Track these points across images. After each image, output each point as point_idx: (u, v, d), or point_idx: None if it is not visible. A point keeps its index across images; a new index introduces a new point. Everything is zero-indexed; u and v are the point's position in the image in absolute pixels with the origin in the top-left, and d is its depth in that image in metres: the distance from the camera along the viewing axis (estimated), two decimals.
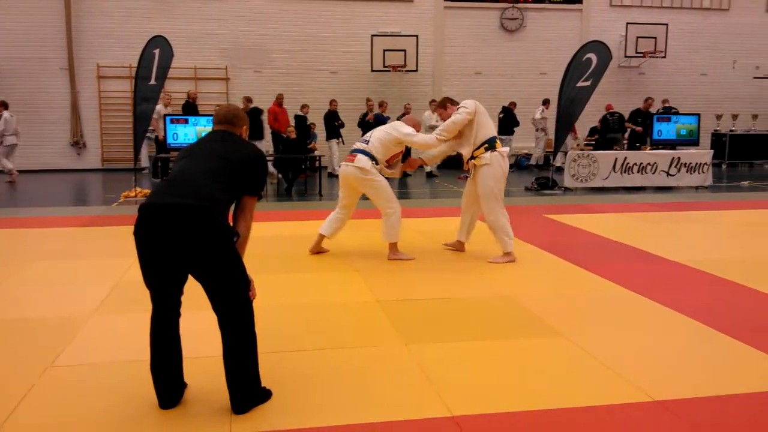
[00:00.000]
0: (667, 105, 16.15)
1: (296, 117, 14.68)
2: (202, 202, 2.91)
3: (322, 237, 6.48)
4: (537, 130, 16.42)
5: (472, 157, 6.21)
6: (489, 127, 6.22)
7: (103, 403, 3.18)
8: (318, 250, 6.51)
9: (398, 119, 7.06)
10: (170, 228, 2.88)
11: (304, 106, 14.89)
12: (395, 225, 6.21)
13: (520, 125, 16.10)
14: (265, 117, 14.62)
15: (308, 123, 14.85)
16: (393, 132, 6.17)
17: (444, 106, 6.43)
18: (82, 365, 3.69)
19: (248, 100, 14.34)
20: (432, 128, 14.93)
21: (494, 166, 6.13)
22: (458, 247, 6.74)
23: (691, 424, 2.98)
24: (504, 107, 16.14)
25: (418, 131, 6.34)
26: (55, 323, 4.38)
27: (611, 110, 15.47)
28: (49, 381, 3.45)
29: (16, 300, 5.01)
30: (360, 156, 6.05)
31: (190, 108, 13.98)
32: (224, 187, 3.05)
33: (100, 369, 3.63)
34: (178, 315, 3.18)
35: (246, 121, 3.42)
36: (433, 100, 15.28)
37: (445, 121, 6.29)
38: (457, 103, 6.36)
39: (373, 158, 6.08)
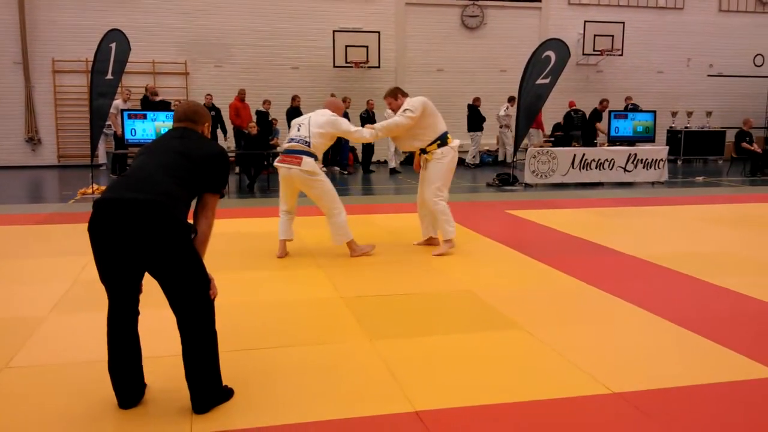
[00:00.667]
0: (631, 102, 16.37)
1: (258, 113, 14.58)
2: (157, 197, 2.86)
3: (285, 242, 6.40)
4: (501, 127, 16.56)
5: (424, 151, 6.34)
6: (440, 125, 6.33)
7: (60, 404, 3.12)
8: (285, 253, 6.45)
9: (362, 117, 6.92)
10: (125, 223, 2.82)
11: (265, 102, 14.79)
12: (344, 224, 6.14)
13: (465, 123, 16.16)
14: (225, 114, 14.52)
15: (270, 119, 14.76)
16: (330, 128, 6.03)
17: (395, 96, 6.41)
18: (39, 366, 3.61)
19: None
20: None
21: (444, 160, 6.32)
22: (431, 242, 6.76)
23: (648, 415, 3.05)
24: (469, 105, 16.24)
25: (340, 114, 6.23)
26: (10, 323, 4.28)
27: (574, 107, 15.70)
28: (5, 382, 3.37)
29: None
30: (306, 158, 5.87)
31: (149, 103, 13.75)
32: (182, 183, 3.00)
33: (57, 369, 3.56)
34: (137, 313, 3.13)
35: (208, 118, 3.37)
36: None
37: (394, 110, 6.38)
38: (407, 95, 6.42)
39: (315, 158, 5.97)
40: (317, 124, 5.99)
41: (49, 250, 6.58)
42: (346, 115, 6.85)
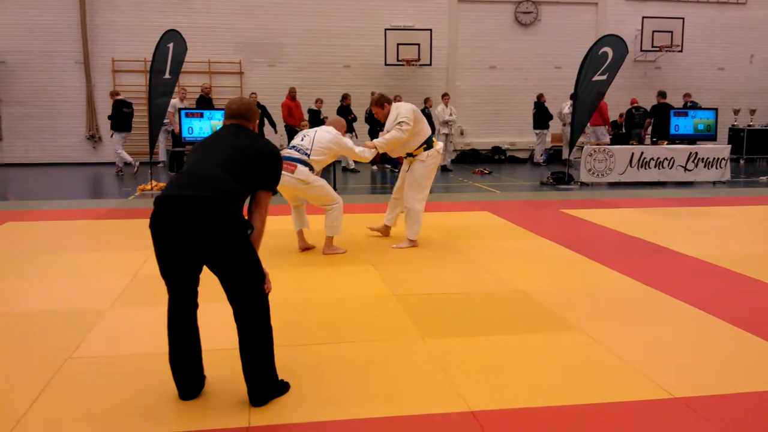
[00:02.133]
0: (690, 100, 15.90)
1: (310, 111, 14.69)
2: (217, 194, 2.92)
3: (301, 233, 6.46)
4: (564, 125, 16.28)
5: (410, 155, 6.54)
6: (426, 129, 6.54)
7: (121, 395, 3.20)
8: (306, 246, 6.47)
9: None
10: (186, 220, 2.89)
11: (317, 101, 14.89)
12: (338, 218, 6.25)
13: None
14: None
15: (322, 117, 14.85)
16: (333, 146, 6.13)
17: (382, 105, 6.51)
18: (101, 357, 3.71)
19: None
20: (445, 123, 14.94)
21: (428, 161, 6.52)
22: (386, 231, 7.01)
23: (710, 422, 2.95)
24: (535, 102, 16.08)
25: (343, 132, 6.36)
26: (73, 315, 4.41)
27: (636, 104, 15.37)
28: (69, 372, 3.47)
29: (34, 292, 5.04)
30: (300, 167, 5.92)
31: (205, 102, 14.00)
32: (239, 180, 3.05)
33: (118, 360, 3.65)
34: (196, 306, 3.20)
35: (257, 115, 3.44)
36: (446, 94, 15.21)
37: (381, 119, 6.58)
38: (391, 101, 6.55)
39: (311, 168, 6.02)
40: (322, 141, 6.07)
41: (110, 244, 6.76)
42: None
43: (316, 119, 14.61)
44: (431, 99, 15.41)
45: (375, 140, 6.50)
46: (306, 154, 5.97)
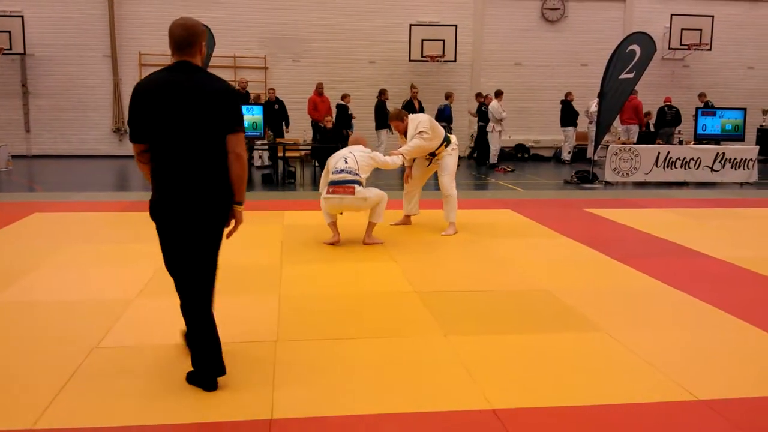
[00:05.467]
0: (705, 100, 15.65)
1: (338, 106, 14.70)
2: (202, 192, 3.12)
3: (335, 224, 6.65)
4: (590, 123, 16.13)
5: (433, 155, 7.19)
6: (441, 133, 7.16)
7: (146, 385, 3.24)
8: (339, 239, 6.58)
9: (440, 109, 7.36)
10: (184, 215, 3.14)
11: (345, 96, 14.88)
12: (383, 208, 6.63)
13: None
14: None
15: (349, 112, 14.83)
16: (371, 161, 6.62)
17: (401, 119, 7.11)
18: (127, 347, 3.76)
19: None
20: (500, 121, 14.82)
21: (454, 154, 7.28)
22: (407, 221, 7.59)
23: (734, 424, 2.92)
24: (562, 100, 15.97)
25: (365, 145, 6.85)
26: (100, 305, 4.47)
27: (669, 103, 15.18)
28: (95, 361, 3.52)
29: (61, 282, 5.12)
30: (357, 188, 6.36)
31: (240, 97, 14.02)
32: (216, 150, 3.12)
33: (144, 351, 3.70)
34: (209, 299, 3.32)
35: (204, 35, 3.26)
36: (500, 92, 15.07)
37: (401, 132, 7.16)
38: (408, 115, 7.16)
39: (362, 185, 6.48)
40: (364, 159, 6.55)
41: (135, 236, 6.83)
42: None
43: (344, 114, 14.61)
44: (454, 95, 15.36)
45: (400, 149, 6.95)
46: (357, 174, 6.43)
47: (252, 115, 11.29)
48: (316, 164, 12.84)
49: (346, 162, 6.50)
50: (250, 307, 4.50)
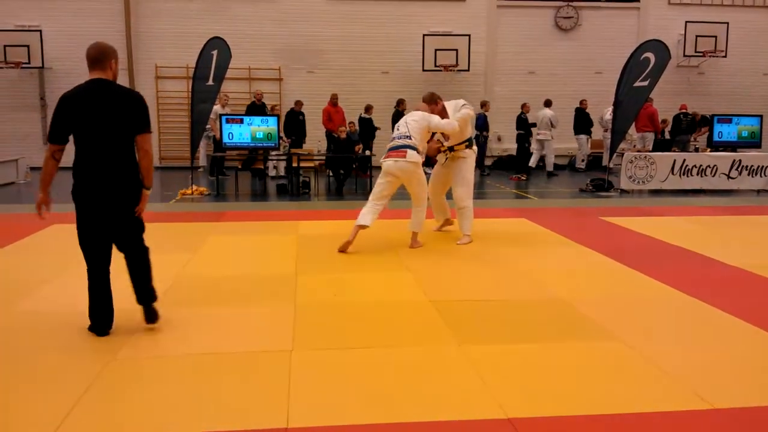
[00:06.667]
0: (684, 110, 15.42)
1: (361, 119, 14.75)
2: (124, 180, 3.97)
3: (360, 228, 6.60)
4: (605, 131, 16.08)
5: (451, 149, 7.04)
6: (472, 129, 7.19)
7: (161, 395, 3.27)
8: (348, 244, 6.55)
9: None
10: (102, 196, 3.96)
11: (369, 108, 14.93)
12: (423, 217, 6.81)
13: (559, 125, 15.74)
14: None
15: (374, 125, 14.85)
16: (424, 122, 6.67)
17: (435, 101, 7.01)
18: (144, 358, 3.80)
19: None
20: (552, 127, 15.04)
21: (470, 160, 7.12)
22: (447, 224, 7.63)
23: None
24: (576, 107, 15.96)
25: (432, 112, 6.88)
26: (116, 316, 4.50)
27: (685, 110, 15.10)
28: (112, 372, 3.56)
29: (78, 293, 5.15)
30: (409, 151, 6.52)
31: (257, 108, 14.16)
32: (127, 146, 3.96)
33: (160, 361, 3.73)
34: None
35: (114, 54, 4.10)
36: (549, 101, 15.20)
37: (435, 113, 6.90)
38: (440, 97, 7.14)
39: (417, 151, 6.60)
40: (415, 120, 6.68)
41: (152, 247, 6.86)
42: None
43: (369, 127, 14.65)
44: (489, 103, 15.77)
45: (452, 118, 6.88)
46: (409, 137, 6.56)
47: (267, 126, 11.36)
48: (330, 174, 12.89)
49: (399, 129, 6.74)
50: (265, 316, 4.52)
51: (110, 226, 4.07)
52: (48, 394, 3.29)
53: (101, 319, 4.12)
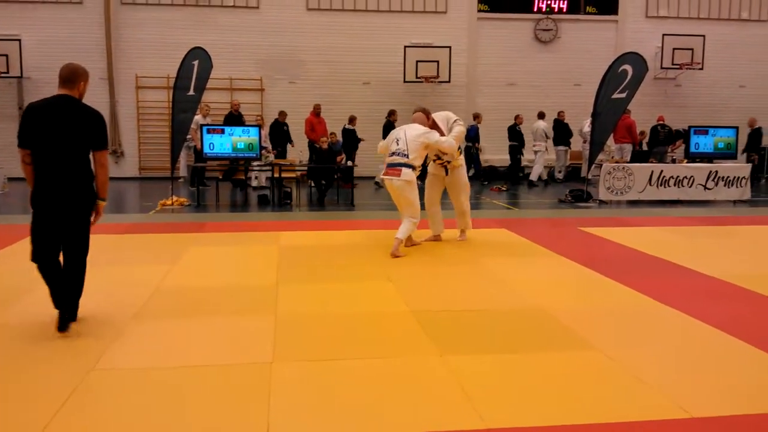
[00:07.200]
0: (661, 122, 15.59)
1: (344, 131, 14.76)
2: (74, 186, 4.22)
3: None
4: (584, 142, 16.23)
5: (447, 161, 7.37)
6: (462, 140, 7.46)
7: (141, 407, 3.25)
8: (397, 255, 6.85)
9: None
10: (58, 203, 4.21)
11: (352, 119, 14.95)
12: (410, 228, 6.99)
13: (526, 137, 15.96)
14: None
15: (357, 136, 14.87)
16: (424, 139, 6.83)
17: (428, 115, 7.28)
18: (123, 369, 3.77)
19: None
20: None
21: (464, 167, 7.66)
22: (436, 239, 7.71)
23: None
24: (555, 119, 16.11)
25: (427, 126, 7.13)
26: (97, 327, 4.48)
27: (662, 122, 15.30)
28: (91, 384, 3.53)
29: None
30: (404, 170, 6.74)
31: (234, 119, 14.14)
32: (83, 159, 4.26)
33: (139, 373, 3.70)
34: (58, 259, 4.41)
35: (85, 76, 4.40)
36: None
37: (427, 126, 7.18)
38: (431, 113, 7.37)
39: (413, 168, 6.81)
40: (413, 137, 6.82)
41: (131, 258, 6.85)
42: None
43: (352, 138, 14.66)
44: (482, 115, 15.87)
45: (449, 136, 7.12)
46: (405, 155, 6.67)
47: (248, 137, 11.34)
48: (312, 185, 12.89)
49: (397, 144, 6.81)
50: (245, 328, 4.51)
51: (60, 229, 4.30)
52: (27, 404, 3.26)
53: (60, 299, 4.41)
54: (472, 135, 15.28)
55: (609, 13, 18.12)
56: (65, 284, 4.36)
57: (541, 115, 15.72)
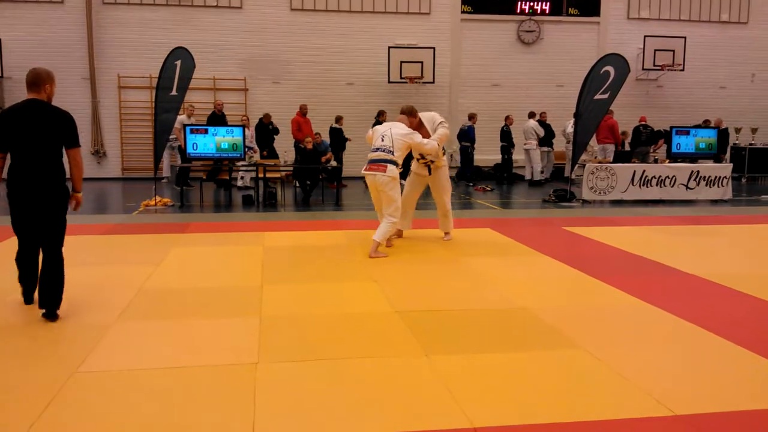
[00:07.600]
0: (643, 122, 15.69)
1: (332, 129, 14.73)
2: (51, 185, 4.53)
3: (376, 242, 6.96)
4: (568, 143, 16.32)
5: (431, 161, 7.46)
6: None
7: (125, 409, 3.22)
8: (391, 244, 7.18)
9: (463, 130, 7.85)
10: (33, 197, 4.50)
11: (339, 119, 14.93)
12: (390, 231, 6.99)
13: (522, 138, 16.05)
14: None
15: (344, 135, 14.85)
16: (407, 140, 6.93)
17: (414, 114, 7.35)
18: (107, 371, 3.74)
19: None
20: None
21: (446, 168, 7.73)
22: (399, 234, 7.79)
23: None
24: (537, 120, 16.18)
25: (411, 127, 7.19)
26: (80, 329, 4.45)
27: (644, 123, 15.42)
28: (75, 386, 3.50)
29: None
30: (390, 167, 6.77)
31: (217, 119, 14.06)
32: (55, 157, 4.54)
33: (124, 375, 3.67)
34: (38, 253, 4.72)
35: (49, 79, 4.66)
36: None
37: (413, 127, 7.25)
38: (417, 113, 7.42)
39: (396, 165, 6.85)
40: (398, 135, 6.91)
41: (114, 259, 6.80)
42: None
43: (339, 138, 14.63)
44: (477, 116, 15.83)
45: (431, 138, 7.21)
46: (390, 152, 6.80)
47: (232, 137, 11.30)
48: (297, 185, 12.85)
49: (382, 140, 6.90)
50: (230, 328, 4.49)
51: (37, 222, 4.58)
52: (10, 405, 3.23)
53: (27, 287, 4.85)
54: (470, 135, 15.39)
55: (591, 15, 18.24)
56: (45, 279, 4.57)
57: (532, 115, 15.89)
